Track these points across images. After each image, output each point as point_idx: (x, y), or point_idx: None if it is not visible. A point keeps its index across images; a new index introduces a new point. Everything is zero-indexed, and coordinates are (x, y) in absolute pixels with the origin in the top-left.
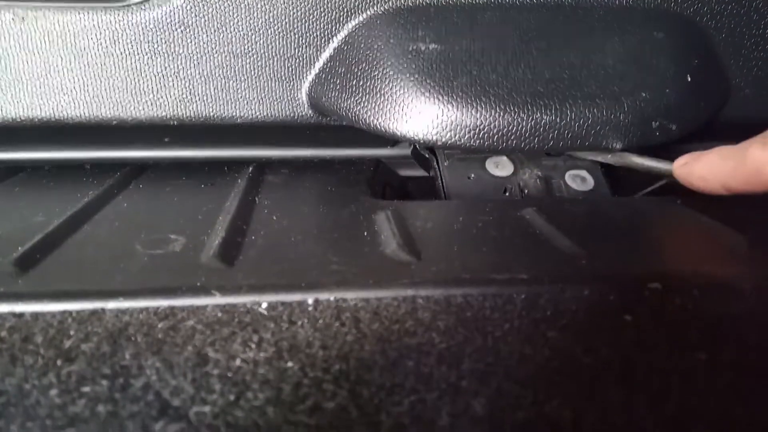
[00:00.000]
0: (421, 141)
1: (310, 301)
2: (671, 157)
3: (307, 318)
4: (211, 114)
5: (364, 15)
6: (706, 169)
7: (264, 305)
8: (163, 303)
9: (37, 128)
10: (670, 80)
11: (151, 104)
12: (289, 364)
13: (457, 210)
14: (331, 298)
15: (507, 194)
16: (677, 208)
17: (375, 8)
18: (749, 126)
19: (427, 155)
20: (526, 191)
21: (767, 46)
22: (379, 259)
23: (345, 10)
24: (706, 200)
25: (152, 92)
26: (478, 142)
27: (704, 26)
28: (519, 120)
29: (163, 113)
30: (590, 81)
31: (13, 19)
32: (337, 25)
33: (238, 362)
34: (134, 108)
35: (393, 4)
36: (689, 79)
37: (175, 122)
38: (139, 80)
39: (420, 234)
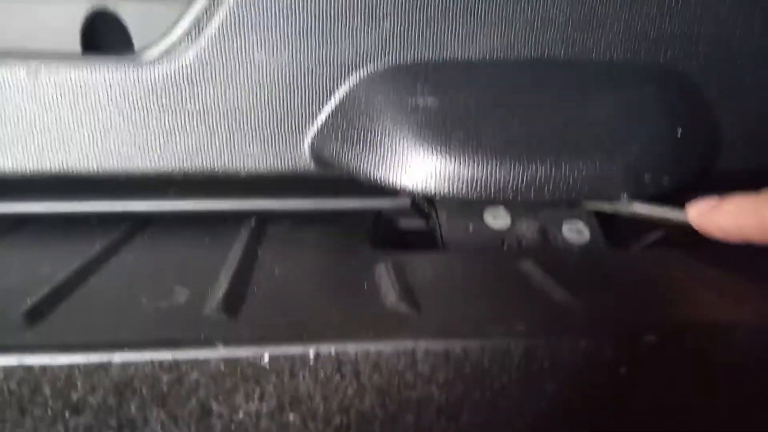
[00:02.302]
0: (420, 192)
1: (311, 353)
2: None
3: (308, 370)
4: (217, 167)
5: (365, 71)
6: (726, 220)
7: (266, 358)
8: (168, 356)
9: (45, 180)
10: (660, 134)
11: (159, 157)
12: (291, 416)
13: (456, 261)
14: (332, 351)
15: (505, 246)
16: (673, 259)
17: (375, 65)
18: (741, 175)
19: (426, 206)
20: (524, 243)
21: (754, 99)
22: (379, 311)
23: (347, 66)
24: (701, 252)
25: (160, 145)
26: (475, 193)
27: (693, 81)
28: (515, 172)
29: (170, 166)
30: (583, 135)
31: (27, 74)
32: (339, 81)
33: (240, 415)
34: (142, 161)
35: (392, 61)
36: (680, 133)
37: (181, 175)
38: (147, 134)
39: (419, 286)
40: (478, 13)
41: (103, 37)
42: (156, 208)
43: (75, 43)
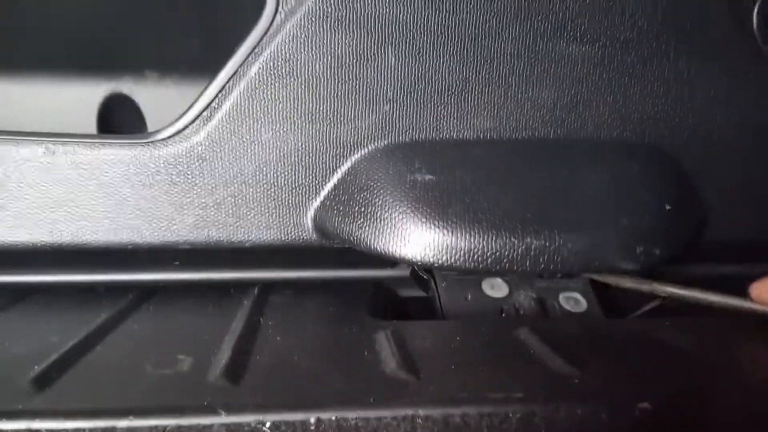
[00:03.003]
0: (419, 263)
1: (312, 420)
2: (662, 279)
3: None
4: (222, 239)
5: (366, 149)
6: None
7: (268, 424)
8: (172, 422)
9: (54, 252)
10: (649, 208)
11: (166, 230)
12: None
13: (455, 330)
14: (333, 417)
15: (503, 315)
16: (669, 329)
17: (376, 143)
18: (728, 247)
19: (425, 276)
20: (522, 312)
21: (736, 174)
22: (379, 379)
23: (349, 145)
24: (698, 322)
25: (168, 219)
26: (472, 264)
27: (678, 157)
28: (510, 244)
29: (177, 238)
30: (574, 209)
31: (44, 152)
32: (342, 159)
33: None
34: (150, 234)
35: (392, 140)
36: (668, 207)
37: (187, 246)
38: (156, 208)
39: (419, 354)
40: (471, 97)
41: (119, 118)
42: (161, 278)
43: (92, 124)
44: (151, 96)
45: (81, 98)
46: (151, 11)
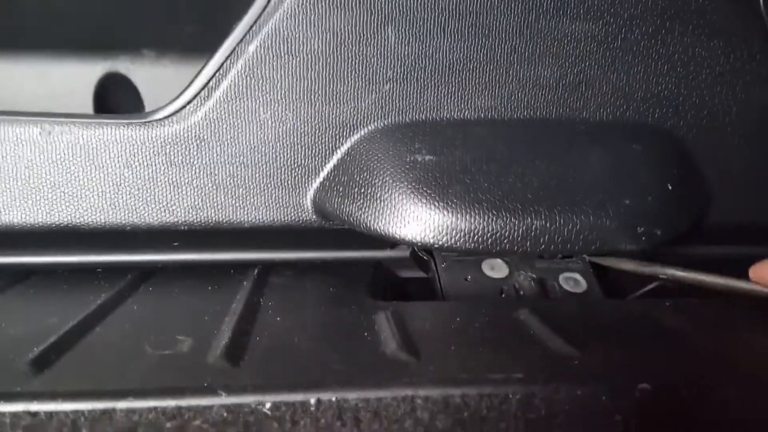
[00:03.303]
0: (419, 244)
1: (312, 401)
2: (662, 261)
3: (309, 418)
4: (221, 220)
5: (366, 129)
6: None
7: (268, 405)
8: (171, 403)
9: (52, 233)
10: (651, 188)
11: (165, 211)
12: None
13: (455, 311)
14: (333, 398)
15: (503, 295)
16: (668, 310)
17: (376, 123)
18: (730, 229)
19: (425, 257)
20: (522, 293)
21: (741, 155)
22: (379, 360)
23: (348, 125)
24: (697, 303)
25: (166, 200)
26: (473, 245)
27: (681, 138)
28: (511, 225)
29: (176, 219)
30: (576, 189)
31: (40, 132)
32: (341, 139)
33: None
34: (148, 214)
35: (392, 120)
36: (670, 187)
37: (186, 228)
38: (154, 189)
39: (419, 334)
40: (472, 76)
41: (116, 98)
42: (160, 259)
43: (89, 104)
44: (149, 75)
45: (77, 78)
46: None
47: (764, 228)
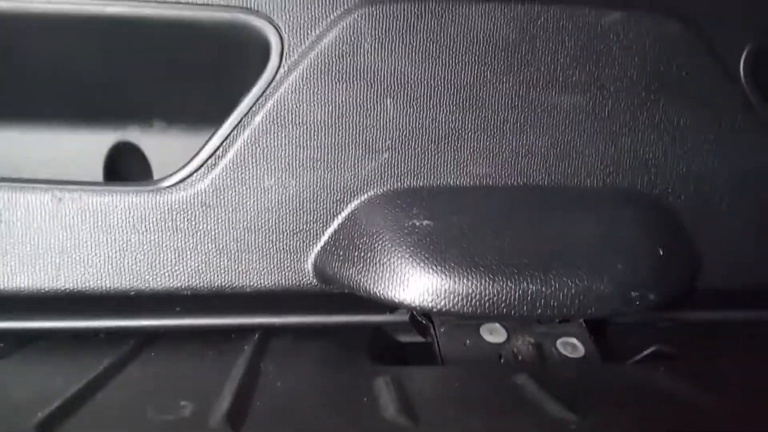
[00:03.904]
0: (418, 307)
1: None
2: (657, 325)
3: None
4: (224, 284)
5: (366, 195)
6: None
7: None
8: None
9: (56, 297)
10: (642, 253)
11: (169, 276)
12: None
13: (453, 376)
14: None
15: (502, 360)
16: (665, 375)
17: (375, 190)
18: (720, 294)
19: (424, 321)
20: (520, 357)
21: (729, 222)
22: (378, 424)
23: (349, 191)
24: (693, 367)
25: (171, 265)
26: (470, 309)
27: (670, 204)
28: (507, 289)
29: (179, 284)
30: (570, 254)
31: (51, 199)
32: (342, 204)
33: None
34: (153, 279)
35: (391, 186)
36: (661, 252)
37: (189, 292)
38: (160, 254)
39: (418, 399)
40: (467, 145)
41: (126, 165)
42: (163, 324)
43: (99, 171)
44: (158, 144)
45: (88, 146)
46: (159, 63)
47: (757, 292)
